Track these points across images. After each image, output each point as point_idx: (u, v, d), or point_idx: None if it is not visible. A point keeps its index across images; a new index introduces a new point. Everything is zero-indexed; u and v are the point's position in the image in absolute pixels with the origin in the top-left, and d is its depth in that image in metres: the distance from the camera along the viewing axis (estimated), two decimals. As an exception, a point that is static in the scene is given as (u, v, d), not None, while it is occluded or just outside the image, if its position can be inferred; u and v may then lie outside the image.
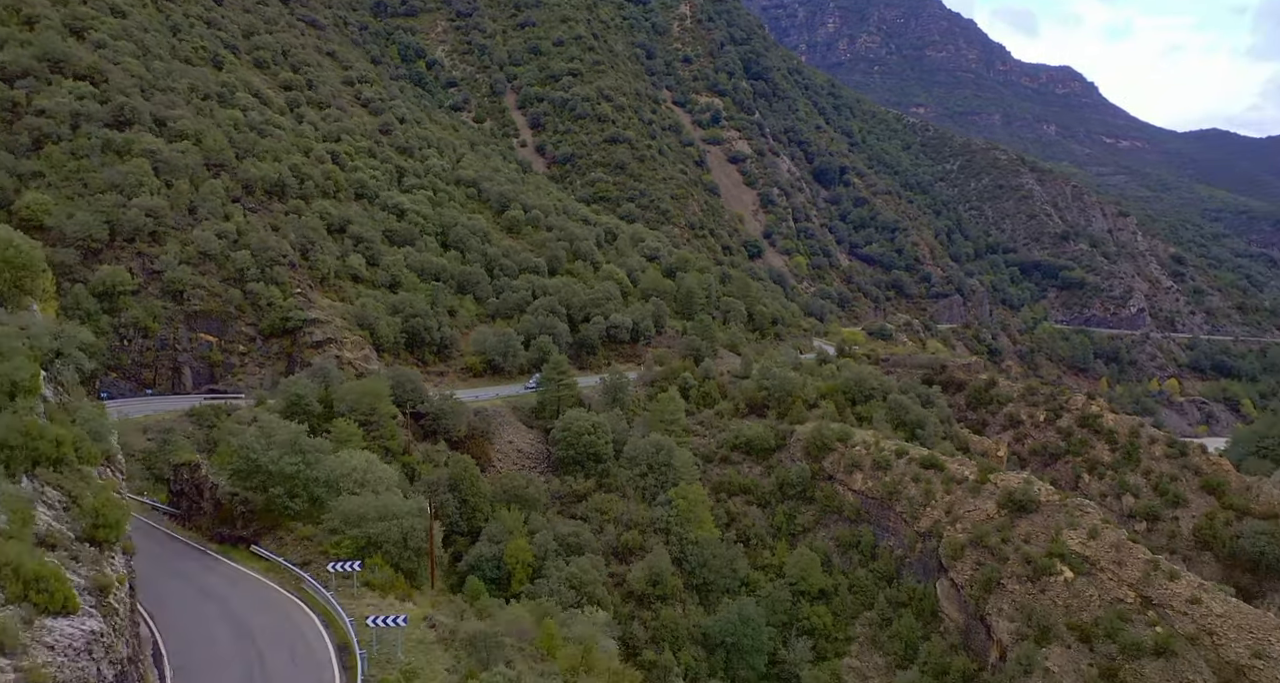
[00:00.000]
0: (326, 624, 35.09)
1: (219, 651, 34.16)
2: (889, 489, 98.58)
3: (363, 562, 39.01)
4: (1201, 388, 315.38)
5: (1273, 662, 73.02)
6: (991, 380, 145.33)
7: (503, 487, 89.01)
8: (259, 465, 44.47)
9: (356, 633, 33.85)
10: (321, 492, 45.10)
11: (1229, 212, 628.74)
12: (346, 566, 38.21)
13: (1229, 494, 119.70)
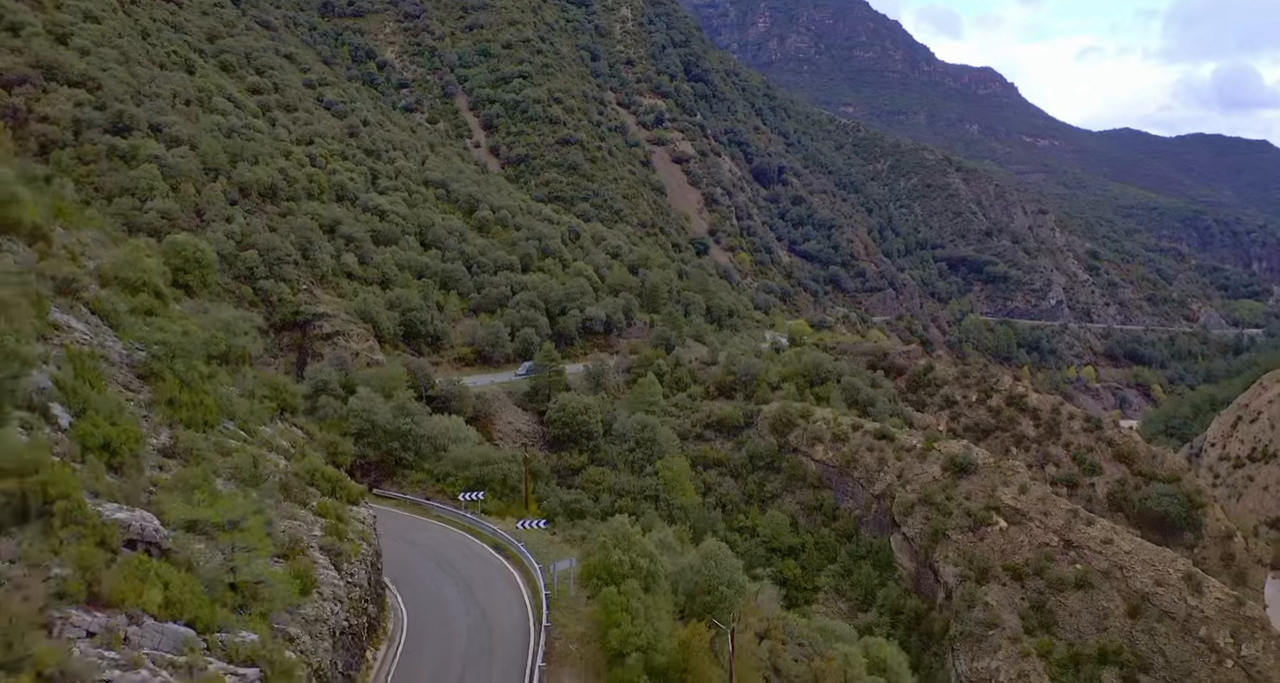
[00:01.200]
0: (471, 533, 46.70)
1: (414, 555, 45.48)
2: (847, 459, 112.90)
3: (484, 492, 50.79)
4: (1115, 374, 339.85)
5: (1170, 588, 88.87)
6: (929, 365, 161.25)
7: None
8: (375, 425, 55.79)
9: (507, 536, 45.79)
10: (426, 446, 56.68)
11: (1140, 208, 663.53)
12: (472, 495, 49.84)
13: (1138, 462, 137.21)
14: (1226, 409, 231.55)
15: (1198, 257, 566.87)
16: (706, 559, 36.43)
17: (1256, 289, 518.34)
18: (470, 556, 43.21)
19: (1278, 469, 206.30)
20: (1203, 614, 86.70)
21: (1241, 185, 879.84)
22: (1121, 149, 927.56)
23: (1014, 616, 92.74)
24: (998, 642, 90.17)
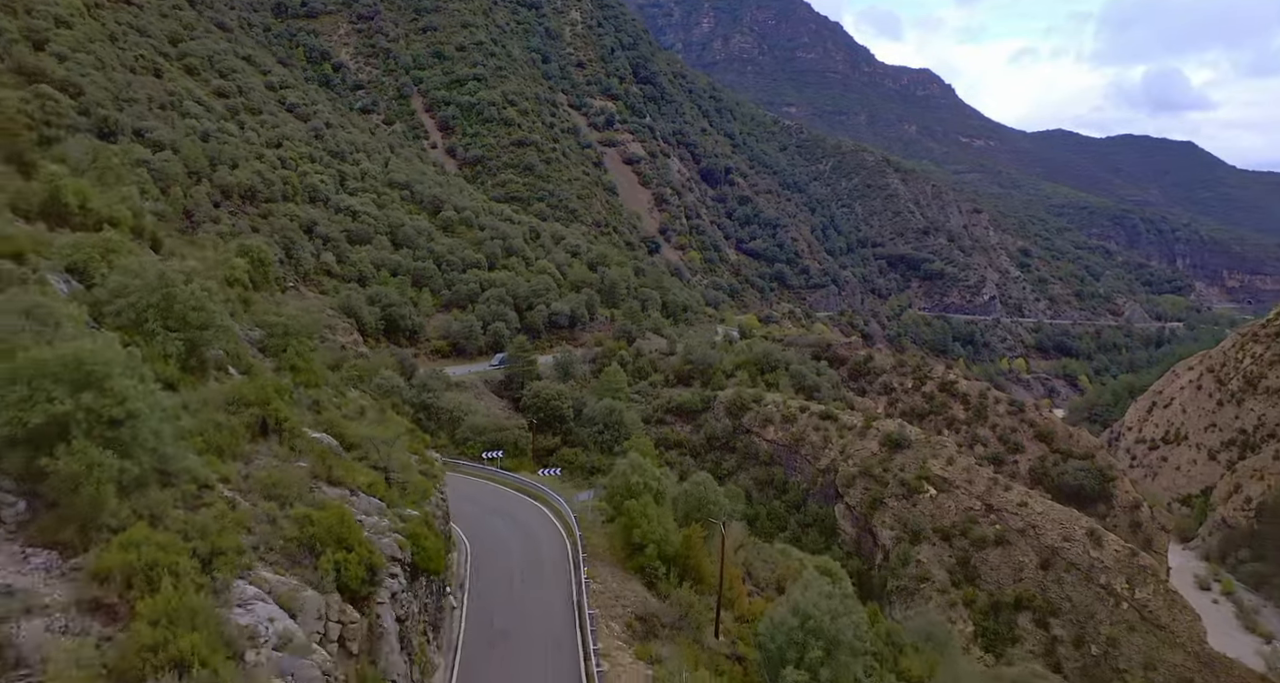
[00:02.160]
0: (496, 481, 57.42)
1: (455, 498, 56.03)
2: (795, 437, 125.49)
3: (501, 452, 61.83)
4: (1045, 366, 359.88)
5: (1075, 542, 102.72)
6: (869, 356, 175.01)
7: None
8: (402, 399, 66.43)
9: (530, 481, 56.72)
10: (445, 416, 67.42)
11: (1071, 207, 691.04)
12: (493, 454, 60.70)
13: (1056, 441, 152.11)
14: (1142, 396, 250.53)
15: (1125, 254, 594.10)
16: (695, 484, 48.09)
17: (1179, 285, 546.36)
18: (503, 497, 53.66)
19: (1188, 451, 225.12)
20: (1103, 565, 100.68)
21: (1168, 185, 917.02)
22: (1054, 149, 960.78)
23: (942, 571, 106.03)
24: (928, 594, 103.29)
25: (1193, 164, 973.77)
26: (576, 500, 48.80)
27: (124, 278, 35.05)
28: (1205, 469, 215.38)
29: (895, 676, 46.14)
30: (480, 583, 41.16)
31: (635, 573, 42.60)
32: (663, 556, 41.84)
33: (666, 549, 41.85)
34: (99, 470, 21.19)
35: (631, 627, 36.62)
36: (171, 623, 18.40)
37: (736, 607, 41.47)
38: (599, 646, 33.28)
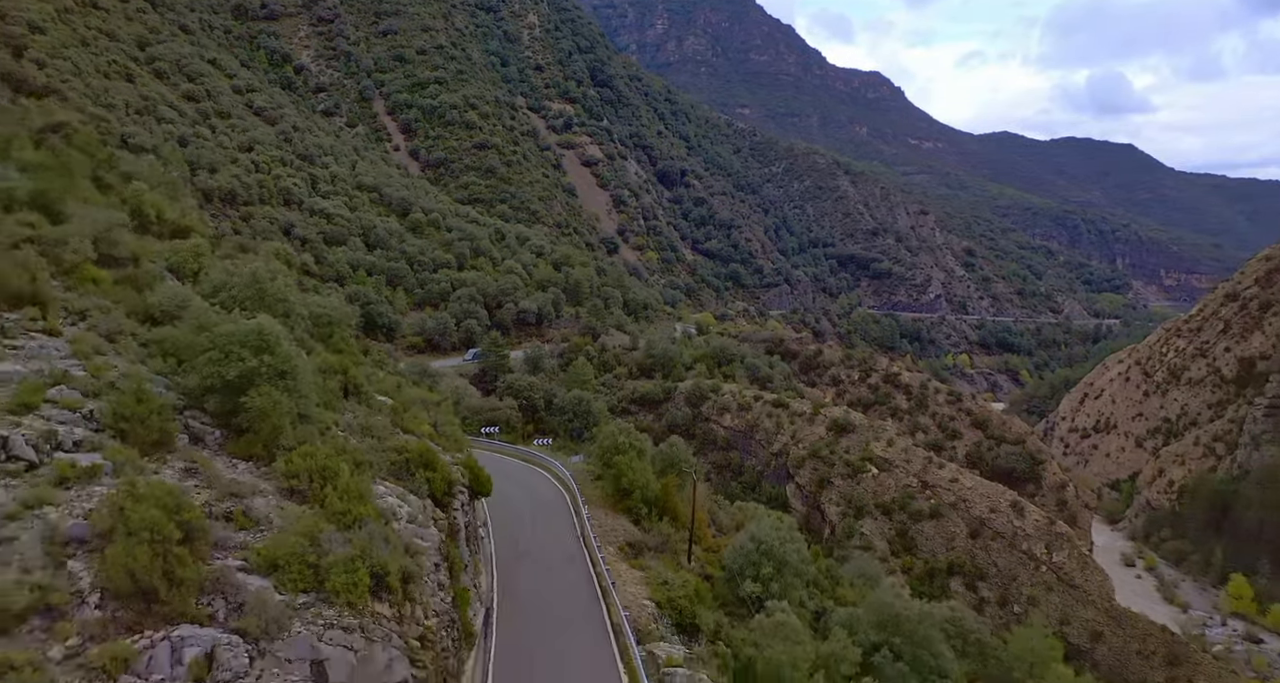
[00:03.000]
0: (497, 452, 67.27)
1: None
2: (750, 424, 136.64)
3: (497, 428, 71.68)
4: (988, 361, 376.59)
5: (1000, 513, 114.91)
6: (819, 350, 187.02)
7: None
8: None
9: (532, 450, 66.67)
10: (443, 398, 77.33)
11: (1016, 208, 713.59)
12: (490, 429, 70.47)
13: (991, 428, 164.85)
14: (1075, 388, 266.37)
15: (1067, 254, 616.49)
16: (669, 445, 58.69)
17: (1118, 283, 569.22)
18: (505, 462, 63.29)
19: (1118, 439, 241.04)
20: (1025, 533, 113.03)
21: (1109, 186, 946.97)
22: (1000, 151, 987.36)
23: (883, 541, 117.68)
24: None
25: (1133, 166, 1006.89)
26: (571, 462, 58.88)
27: (223, 275, 44.93)
28: (1132, 456, 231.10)
29: (834, 601, 56.93)
30: (499, 521, 50.91)
31: (623, 513, 53.03)
32: (645, 499, 52.41)
33: (648, 494, 52.39)
34: (279, 407, 31.26)
35: (624, 549, 46.93)
36: (349, 499, 28.54)
37: (704, 542, 51.84)
38: (604, 557, 43.61)
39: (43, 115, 70.40)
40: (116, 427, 28.18)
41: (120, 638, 20.43)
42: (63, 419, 27.63)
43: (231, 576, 22.91)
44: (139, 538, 21.38)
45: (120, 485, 23.56)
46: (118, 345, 33.98)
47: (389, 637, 24.66)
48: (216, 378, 31.36)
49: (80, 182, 46.58)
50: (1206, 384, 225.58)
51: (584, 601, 40.15)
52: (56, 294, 35.44)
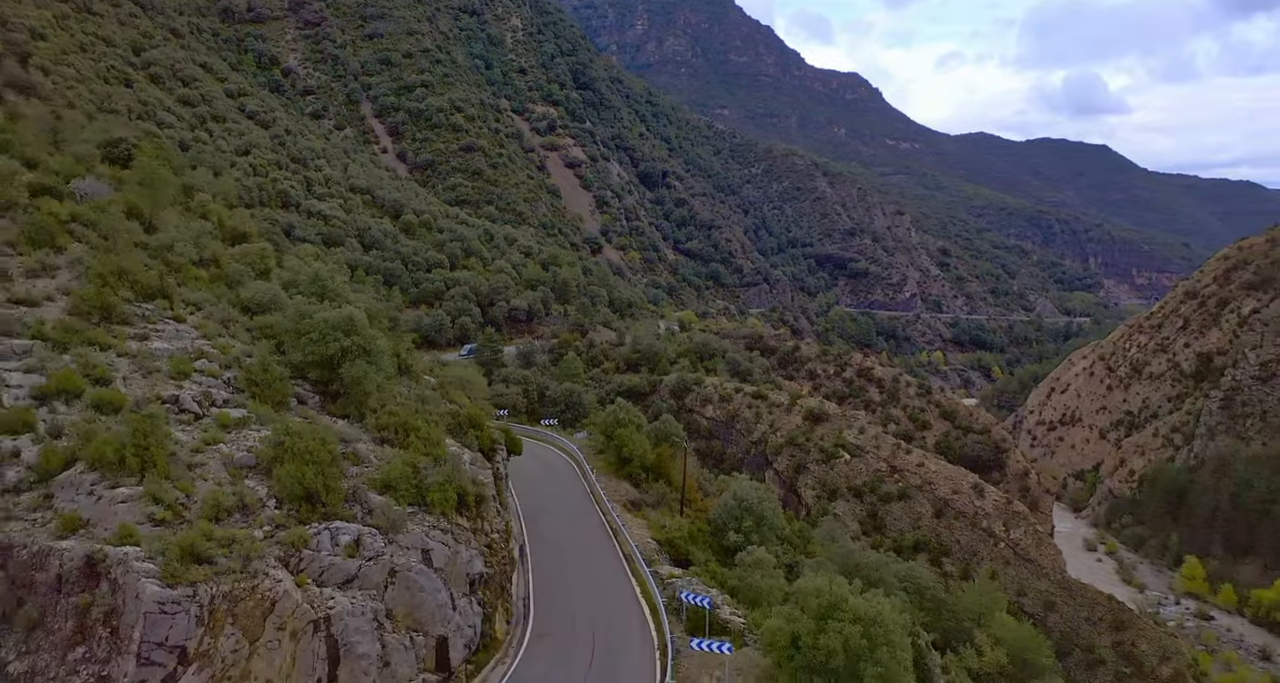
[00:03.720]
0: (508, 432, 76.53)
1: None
2: (731, 414, 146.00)
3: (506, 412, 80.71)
4: (962, 358, 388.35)
5: (962, 495, 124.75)
6: (796, 346, 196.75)
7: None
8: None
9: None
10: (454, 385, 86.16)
11: (991, 208, 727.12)
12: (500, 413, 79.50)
13: (958, 419, 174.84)
14: (1042, 382, 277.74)
15: (1040, 253, 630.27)
16: (662, 421, 67.85)
17: (1089, 282, 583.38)
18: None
19: (1083, 431, 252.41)
20: (985, 512, 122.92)
21: (1083, 187, 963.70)
22: (976, 152, 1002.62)
23: (855, 522, 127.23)
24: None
25: (1107, 166, 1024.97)
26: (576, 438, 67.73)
27: (289, 273, 53.89)
28: (1096, 447, 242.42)
29: (805, 555, 66.18)
30: (519, 486, 59.56)
31: (624, 478, 62.09)
32: (643, 466, 61.51)
33: (645, 461, 61.48)
34: (368, 376, 40.28)
35: (626, 506, 55.98)
36: (429, 445, 37.57)
37: (693, 503, 60.89)
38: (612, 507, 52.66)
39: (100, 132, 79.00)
40: (249, 389, 37.14)
41: (297, 527, 29.39)
42: (210, 384, 36.57)
43: (363, 491, 31.96)
44: (303, 460, 30.35)
45: (276, 426, 32.52)
46: (230, 330, 42.88)
47: (469, 540, 33.76)
48: (317, 354, 40.32)
49: (166, 195, 55.15)
50: (1166, 378, 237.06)
51: (598, 538, 49.12)
52: (175, 289, 44.27)
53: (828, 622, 31.26)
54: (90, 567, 26.08)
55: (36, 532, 27.90)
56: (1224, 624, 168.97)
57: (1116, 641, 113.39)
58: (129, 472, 29.02)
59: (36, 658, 25.71)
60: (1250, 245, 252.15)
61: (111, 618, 25.31)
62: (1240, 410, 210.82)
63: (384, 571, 29.51)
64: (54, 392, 32.77)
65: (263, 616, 26.18)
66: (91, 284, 39.93)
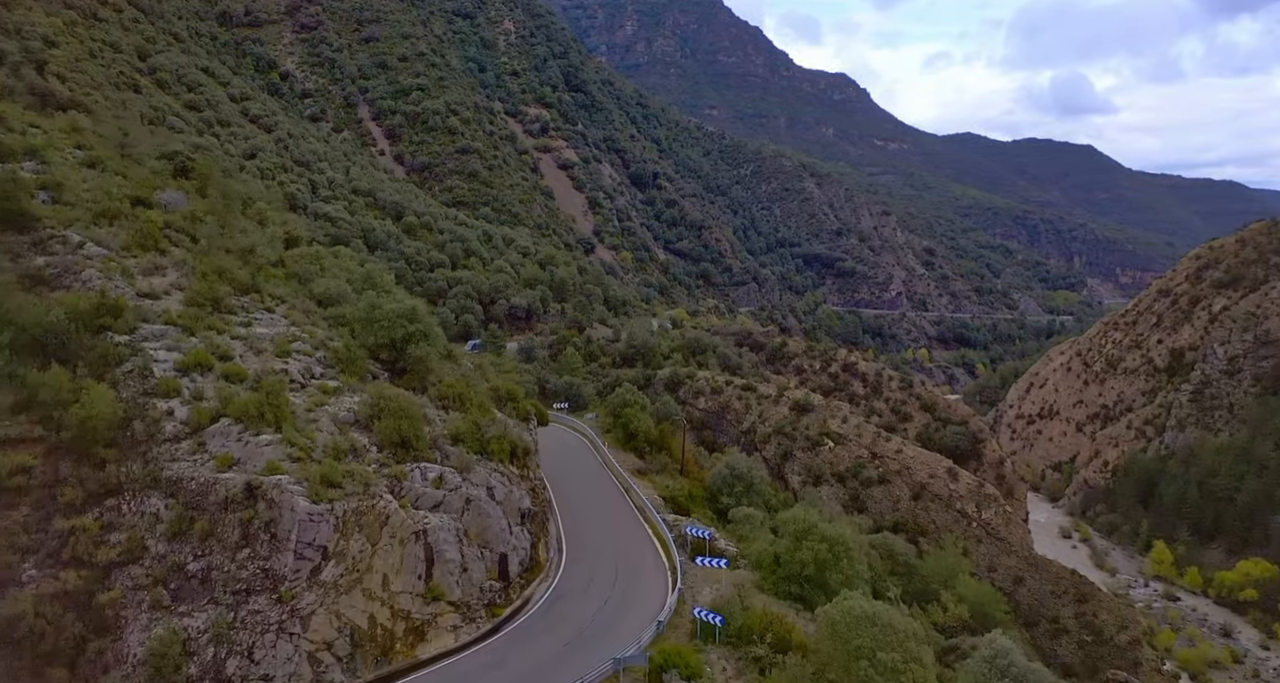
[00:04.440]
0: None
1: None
2: (722, 405, 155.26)
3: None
4: (946, 356, 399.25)
5: (938, 479, 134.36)
6: (784, 342, 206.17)
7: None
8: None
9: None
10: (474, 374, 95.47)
11: (977, 208, 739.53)
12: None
13: (938, 411, 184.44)
14: (1022, 377, 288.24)
15: (1025, 252, 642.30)
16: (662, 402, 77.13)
17: (1073, 281, 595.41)
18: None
19: (1060, 424, 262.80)
20: (958, 494, 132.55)
21: (1068, 187, 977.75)
22: (963, 152, 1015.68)
23: (838, 505, 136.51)
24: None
25: (1092, 167, 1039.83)
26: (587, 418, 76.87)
27: (345, 272, 62.91)
28: (1073, 440, 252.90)
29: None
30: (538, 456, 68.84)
31: (630, 451, 71.33)
32: (647, 440, 70.78)
33: (649, 436, 70.74)
34: (429, 355, 49.48)
35: (633, 472, 65.13)
36: (482, 410, 46.74)
37: (691, 473, 70.08)
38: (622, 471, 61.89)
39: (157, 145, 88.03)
40: (338, 366, 46.33)
41: (396, 465, 38.57)
42: (307, 361, 45.76)
43: (441, 441, 41.21)
44: (398, 416, 39.54)
45: (371, 391, 41.71)
46: (310, 318, 52.03)
47: (519, 483, 43.03)
48: (386, 338, 49.50)
49: (236, 205, 64.14)
50: (1140, 373, 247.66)
51: (613, 494, 58.25)
52: (263, 285, 53.41)
53: (802, 542, 40.54)
54: (250, 491, 35.11)
55: (199, 469, 36.99)
56: (1189, 605, 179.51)
57: (1079, 612, 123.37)
58: (266, 424, 38.01)
59: (210, 559, 34.77)
60: (1221, 245, 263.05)
61: (271, 526, 34.33)
62: (1209, 403, 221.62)
63: (461, 499, 38.60)
64: (191, 365, 41.81)
65: (379, 526, 35.23)
66: (200, 281, 49.03)
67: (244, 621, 33.41)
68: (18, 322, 40.95)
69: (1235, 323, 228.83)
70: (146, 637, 33.19)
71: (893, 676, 30.78)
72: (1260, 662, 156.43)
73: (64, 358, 40.66)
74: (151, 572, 34.92)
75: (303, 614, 33.52)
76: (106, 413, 37.99)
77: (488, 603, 39.08)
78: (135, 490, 36.92)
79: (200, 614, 33.70)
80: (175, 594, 34.48)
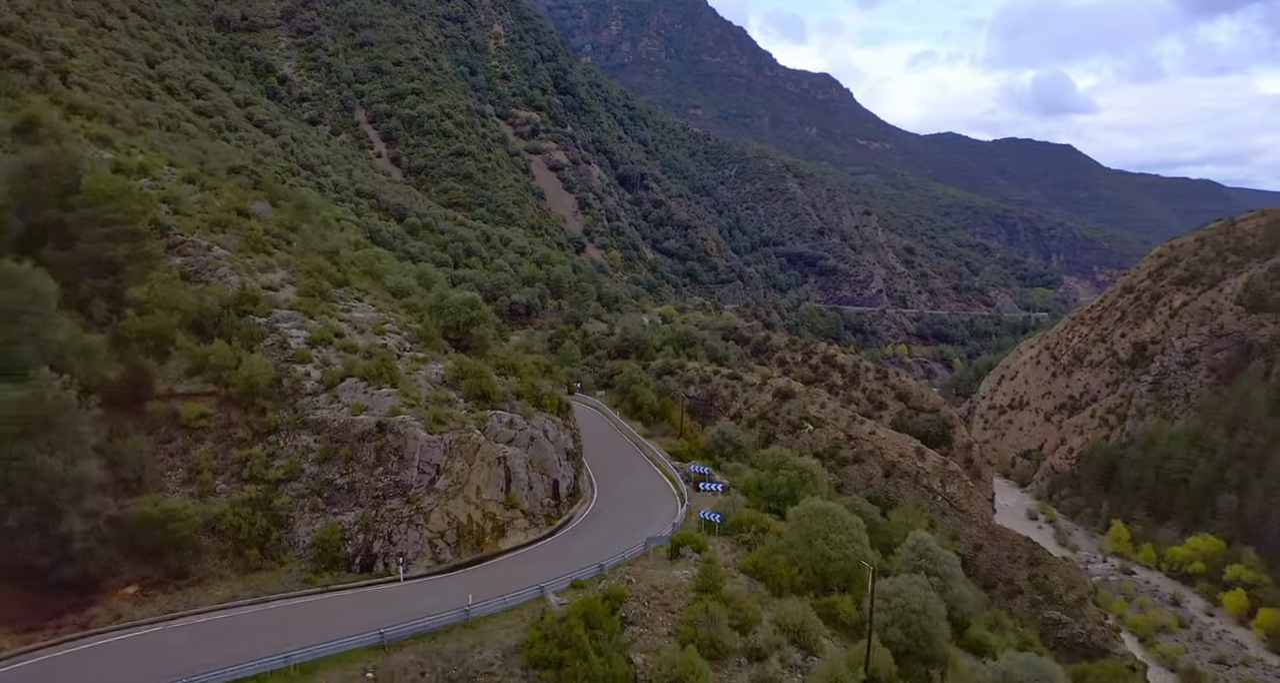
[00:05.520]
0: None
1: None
2: (711, 393, 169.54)
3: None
4: (925, 351, 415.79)
5: (907, 457, 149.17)
6: (767, 336, 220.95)
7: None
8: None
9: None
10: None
11: (958, 207, 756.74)
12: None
13: (911, 399, 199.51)
14: (994, 370, 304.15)
15: (1004, 251, 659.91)
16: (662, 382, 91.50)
17: (1050, 279, 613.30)
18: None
19: (1029, 414, 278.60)
20: (925, 471, 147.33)
21: (1048, 186, 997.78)
22: (945, 151, 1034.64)
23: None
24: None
25: (1071, 166, 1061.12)
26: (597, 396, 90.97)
27: (402, 269, 77.11)
28: (1042, 429, 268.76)
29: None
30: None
31: (637, 421, 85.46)
32: (651, 411, 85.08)
33: (653, 408, 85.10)
34: (488, 334, 63.76)
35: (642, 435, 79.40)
36: (533, 375, 61.04)
37: (687, 437, 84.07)
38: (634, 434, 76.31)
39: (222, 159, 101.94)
40: (420, 342, 60.40)
41: (480, 412, 52.73)
42: (398, 338, 59.82)
43: (509, 396, 55.37)
44: (477, 376, 53.67)
45: (455, 359, 55.82)
46: (391, 306, 66.09)
47: (564, 429, 57.25)
48: (453, 321, 63.58)
49: (314, 214, 78.06)
50: (1105, 365, 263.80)
51: (627, 449, 72.42)
52: (350, 280, 67.41)
53: (778, 471, 54.67)
54: (380, 427, 49.04)
55: (337, 413, 51.01)
56: (1143, 578, 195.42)
57: (1032, 574, 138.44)
58: (384, 382, 51.97)
59: (353, 475, 48.79)
60: (1181, 244, 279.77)
61: (399, 451, 48.28)
62: (1167, 393, 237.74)
63: (527, 437, 52.49)
64: (317, 340, 55.77)
65: (473, 452, 49.09)
66: (306, 278, 63.02)
67: (383, 516, 47.50)
68: (181, 307, 55.02)
69: (1192, 318, 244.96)
70: (311, 529, 47.26)
71: (839, 549, 45.02)
72: (1204, 627, 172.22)
73: (219, 334, 54.71)
74: (309, 486, 48.99)
75: (425, 512, 47.57)
76: (262, 374, 52.03)
77: (545, 515, 53.20)
78: (289, 430, 51.01)
79: (350, 513, 47.80)
80: (329, 500, 48.57)
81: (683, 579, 45.07)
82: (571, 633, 38.38)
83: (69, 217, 55.53)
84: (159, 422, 50.05)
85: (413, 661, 38.26)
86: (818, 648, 42.30)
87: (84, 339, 48.68)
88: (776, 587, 45.97)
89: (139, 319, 52.41)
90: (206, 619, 41.81)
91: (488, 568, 47.80)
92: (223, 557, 46.41)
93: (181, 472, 48.86)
